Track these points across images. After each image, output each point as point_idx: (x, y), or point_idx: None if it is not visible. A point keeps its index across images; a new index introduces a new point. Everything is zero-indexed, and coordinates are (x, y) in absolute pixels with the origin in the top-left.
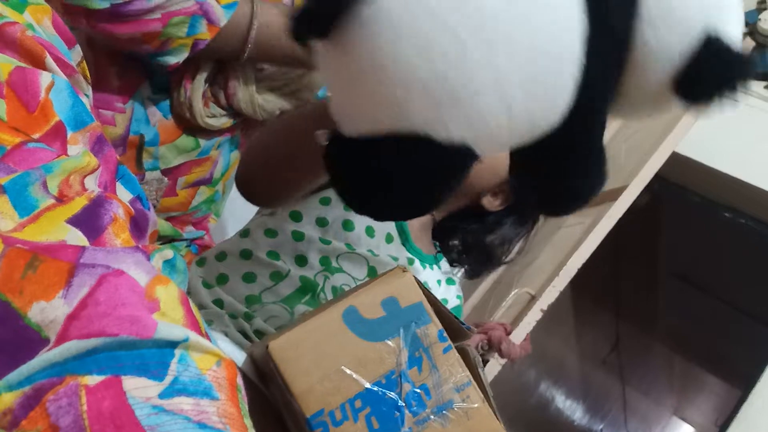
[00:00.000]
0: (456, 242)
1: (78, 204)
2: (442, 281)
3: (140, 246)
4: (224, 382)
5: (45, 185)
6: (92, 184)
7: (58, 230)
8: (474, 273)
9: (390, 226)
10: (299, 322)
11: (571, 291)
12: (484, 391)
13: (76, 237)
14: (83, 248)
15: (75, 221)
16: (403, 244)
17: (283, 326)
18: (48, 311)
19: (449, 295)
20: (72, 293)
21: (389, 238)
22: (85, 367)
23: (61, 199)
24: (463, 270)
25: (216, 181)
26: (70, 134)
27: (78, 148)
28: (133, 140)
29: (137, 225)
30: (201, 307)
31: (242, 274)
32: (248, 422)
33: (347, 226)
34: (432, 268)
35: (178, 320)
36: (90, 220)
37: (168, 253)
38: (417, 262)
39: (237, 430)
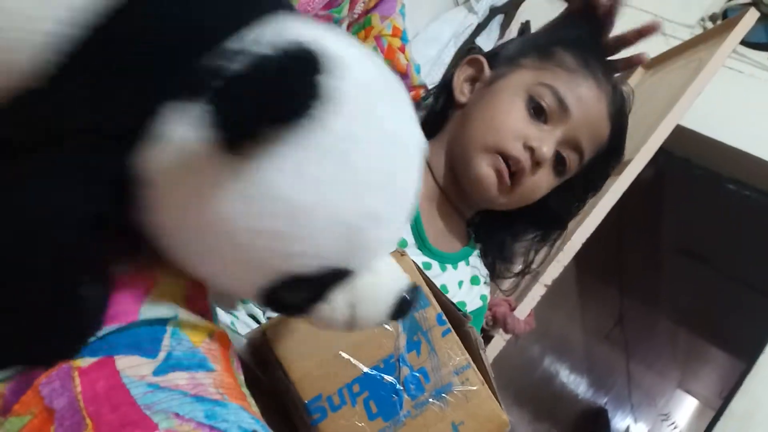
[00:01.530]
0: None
1: None
2: (465, 282)
3: None
4: (218, 354)
5: None
6: None
7: None
8: (492, 270)
9: (405, 232)
10: None
11: (575, 266)
12: (485, 373)
13: None
14: None
15: None
16: (420, 249)
17: None
18: None
19: (469, 297)
20: None
21: (403, 244)
22: None
23: None
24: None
25: None
26: None
27: None
28: None
29: None
30: None
31: None
32: (246, 391)
33: None
34: (455, 267)
35: (177, 294)
36: None
37: None
38: (435, 265)
39: (236, 399)
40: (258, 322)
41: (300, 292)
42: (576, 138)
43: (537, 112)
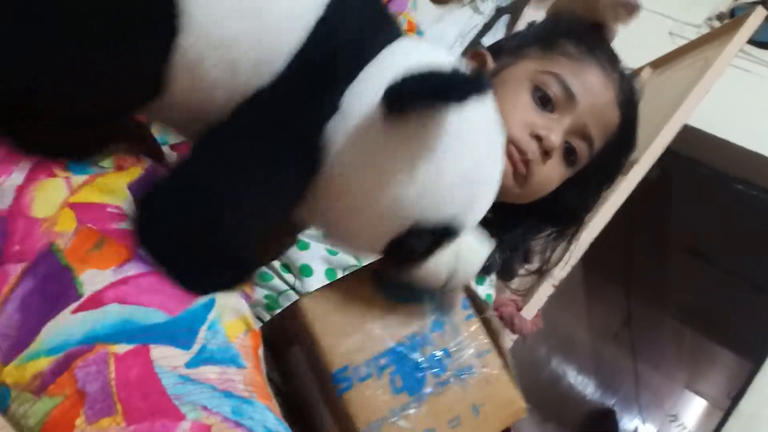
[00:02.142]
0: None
1: (136, 171)
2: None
3: None
4: (251, 351)
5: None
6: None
7: (118, 192)
8: (507, 272)
9: None
10: (333, 281)
11: (583, 266)
12: (505, 359)
13: (130, 202)
14: None
15: (133, 187)
16: None
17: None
18: (97, 277)
19: None
20: (122, 270)
21: None
22: (115, 336)
23: (119, 167)
24: (497, 267)
25: None
26: None
27: None
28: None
29: None
30: None
31: (260, 275)
32: (270, 391)
33: None
34: None
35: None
36: (147, 188)
37: None
38: None
39: (263, 398)
40: (262, 321)
41: (424, 240)
42: (584, 126)
43: (543, 101)
